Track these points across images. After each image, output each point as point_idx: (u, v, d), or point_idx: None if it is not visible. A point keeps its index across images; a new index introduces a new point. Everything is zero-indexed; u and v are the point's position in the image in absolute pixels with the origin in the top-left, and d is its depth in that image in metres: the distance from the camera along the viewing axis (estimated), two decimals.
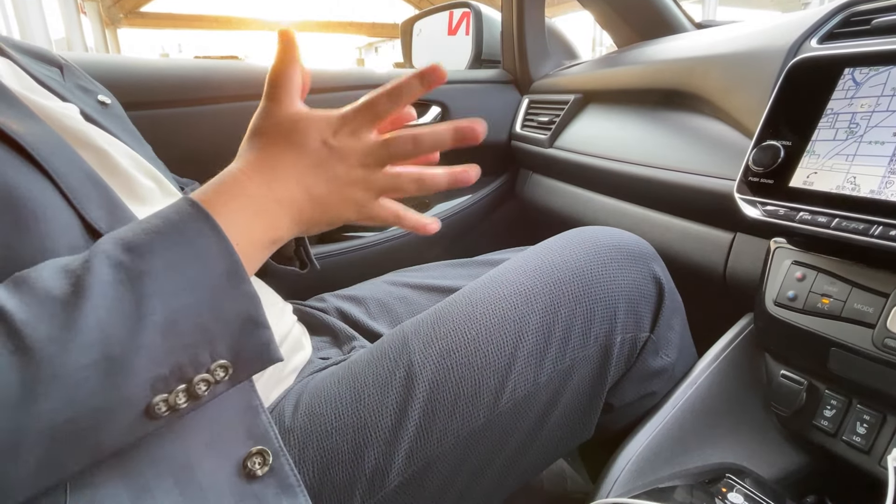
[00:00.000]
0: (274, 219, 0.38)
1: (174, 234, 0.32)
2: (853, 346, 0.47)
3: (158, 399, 0.29)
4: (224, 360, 0.32)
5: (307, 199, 0.39)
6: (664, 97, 0.85)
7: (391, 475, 0.44)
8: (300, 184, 0.39)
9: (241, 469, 0.36)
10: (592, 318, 0.50)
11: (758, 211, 0.53)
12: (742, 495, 0.47)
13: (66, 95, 0.51)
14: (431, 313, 0.52)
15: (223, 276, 0.32)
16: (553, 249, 0.55)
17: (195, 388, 0.31)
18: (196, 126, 0.95)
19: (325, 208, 0.40)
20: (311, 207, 0.40)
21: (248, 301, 0.33)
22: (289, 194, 0.39)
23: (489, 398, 0.47)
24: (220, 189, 0.37)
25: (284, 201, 0.39)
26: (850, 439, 0.49)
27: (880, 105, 0.47)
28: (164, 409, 0.30)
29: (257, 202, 0.37)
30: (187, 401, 0.31)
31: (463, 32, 1.46)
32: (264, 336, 0.34)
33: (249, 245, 0.36)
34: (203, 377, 0.31)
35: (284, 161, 0.39)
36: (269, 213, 0.38)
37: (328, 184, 0.40)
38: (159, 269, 0.30)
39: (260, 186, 0.38)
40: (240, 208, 0.36)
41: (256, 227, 0.37)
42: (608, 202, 0.94)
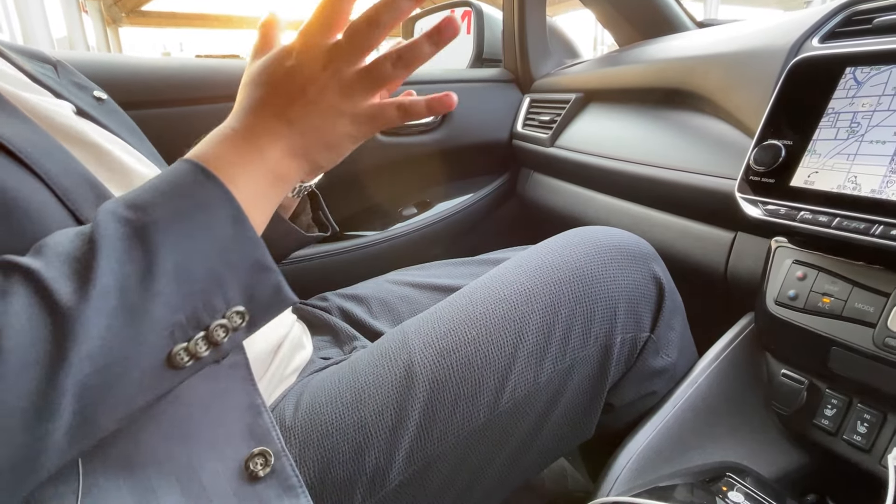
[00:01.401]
0: (274, 159, 0.38)
1: (173, 189, 0.32)
2: (854, 346, 0.47)
3: (179, 348, 0.30)
4: (239, 305, 0.32)
5: (295, 132, 0.38)
6: (665, 96, 0.85)
7: (392, 474, 0.44)
8: (290, 122, 0.38)
9: (244, 470, 0.36)
10: (592, 318, 0.51)
11: (759, 210, 0.53)
12: (743, 494, 0.47)
13: (62, 92, 0.50)
14: (432, 313, 0.52)
15: (226, 221, 0.32)
16: (553, 249, 0.55)
17: (213, 334, 0.31)
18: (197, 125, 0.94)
19: (320, 140, 0.39)
20: (301, 138, 0.39)
21: (253, 246, 0.33)
22: (280, 132, 0.38)
23: (489, 398, 0.47)
24: (211, 142, 0.37)
25: (280, 139, 0.38)
26: (850, 438, 0.49)
27: (881, 104, 0.47)
28: (186, 359, 0.30)
29: (247, 144, 0.37)
30: (208, 348, 0.31)
31: (464, 31, 1.46)
32: (274, 279, 0.34)
33: (252, 187, 0.36)
34: (220, 323, 0.31)
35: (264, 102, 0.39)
36: (268, 154, 0.37)
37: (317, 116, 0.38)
38: (164, 219, 0.31)
39: (246, 131, 0.38)
40: (231, 155, 0.36)
41: (252, 169, 0.37)
42: (609, 201, 0.94)
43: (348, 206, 1.18)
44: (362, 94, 0.39)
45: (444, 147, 1.19)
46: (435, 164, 1.21)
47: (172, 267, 0.30)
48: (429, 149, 1.18)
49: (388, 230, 1.16)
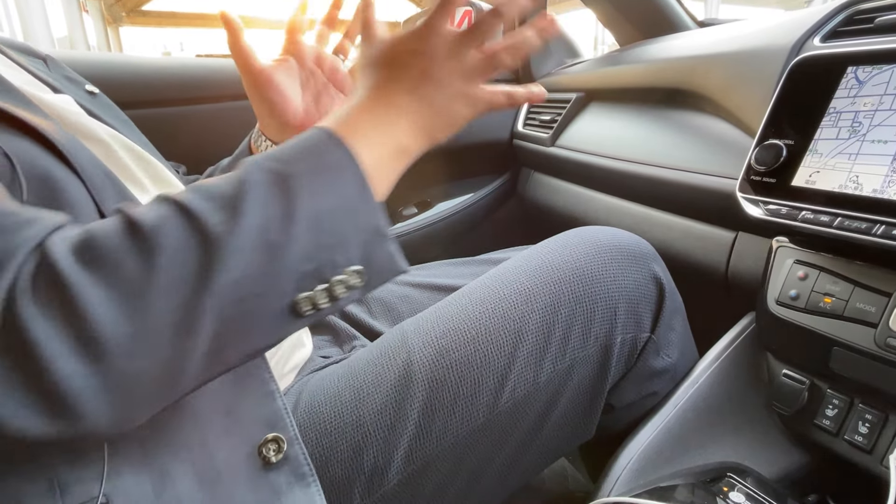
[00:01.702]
0: (397, 132, 0.40)
1: (310, 149, 0.35)
2: (855, 346, 0.47)
3: (303, 296, 0.31)
4: (358, 265, 0.33)
5: (419, 105, 0.41)
6: (666, 96, 0.85)
7: (390, 474, 0.44)
8: (411, 95, 0.41)
9: (257, 456, 0.36)
10: (593, 318, 0.50)
11: (760, 210, 0.53)
12: (744, 494, 0.47)
13: (58, 87, 0.51)
14: (431, 312, 0.52)
15: (353, 185, 0.34)
16: (553, 249, 0.55)
17: (334, 288, 0.32)
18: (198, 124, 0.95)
19: (439, 109, 0.42)
20: (426, 114, 0.42)
21: (375, 212, 0.35)
22: (402, 106, 0.41)
23: (489, 398, 0.47)
24: (342, 112, 0.40)
25: (402, 114, 0.41)
26: (851, 439, 0.49)
27: (883, 104, 0.47)
28: (308, 308, 0.32)
29: (377, 116, 0.40)
30: (328, 301, 0.32)
31: None
32: (390, 246, 0.36)
33: (377, 157, 0.38)
34: (340, 279, 0.33)
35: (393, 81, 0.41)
36: (390, 127, 0.40)
37: (434, 86, 0.42)
38: (304, 173, 0.33)
39: (376, 104, 0.40)
40: (362, 125, 0.38)
41: (381, 142, 0.39)
42: (610, 201, 0.94)
43: None
44: (481, 78, 0.43)
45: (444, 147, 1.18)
46: (435, 163, 1.21)
47: (307, 216, 0.32)
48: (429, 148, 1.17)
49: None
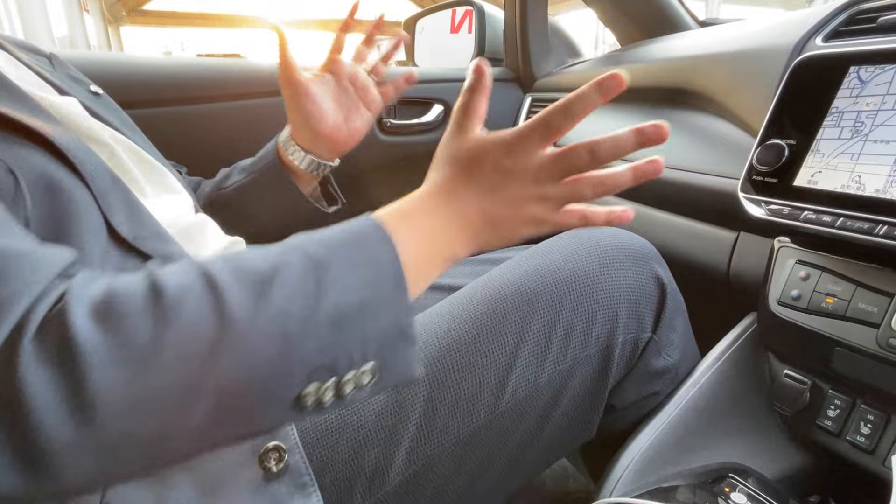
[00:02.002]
0: (449, 238, 0.39)
1: (354, 239, 0.34)
2: (857, 346, 0.47)
3: (310, 389, 0.30)
4: (373, 363, 0.32)
5: (483, 220, 0.40)
6: (667, 95, 0.85)
7: (391, 474, 0.44)
8: (478, 208, 0.40)
9: (257, 465, 0.36)
10: (594, 318, 0.50)
11: (762, 210, 0.53)
12: (745, 495, 0.47)
13: (63, 87, 0.51)
14: (432, 312, 0.52)
15: (390, 283, 0.33)
16: (555, 249, 0.55)
17: (343, 386, 0.31)
18: (199, 124, 0.95)
19: (501, 227, 0.41)
20: (487, 228, 0.41)
21: (405, 313, 0.34)
22: (466, 216, 0.40)
23: (490, 398, 0.46)
24: (402, 207, 0.40)
25: (461, 222, 0.40)
26: (853, 439, 0.49)
27: (886, 104, 0.47)
28: (311, 402, 0.31)
29: (434, 222, 0.39)
30: (333, 398, 0.31)
31: (465, 30, 1.46)
32: (410, 352, 0.34)
33: (421, 260, 0.38)
34: (352, 377, 0.32)
35: (463, 186, 0.41)
36: (445, 232, 0.39)
37: (504, 205, 0.40)
38: (340, 264, 0.32)
39: (438, 209, 0.40)
40: (415, 226, 0.38)
41: (430, 244, 0.38)
42: (611, 201, 0.94)
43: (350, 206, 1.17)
44: (556, 206, 0.41)
45: None
46: None
47: (333, 310, 0.31)
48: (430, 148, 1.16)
49: None
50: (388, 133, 1.12)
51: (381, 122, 1.11)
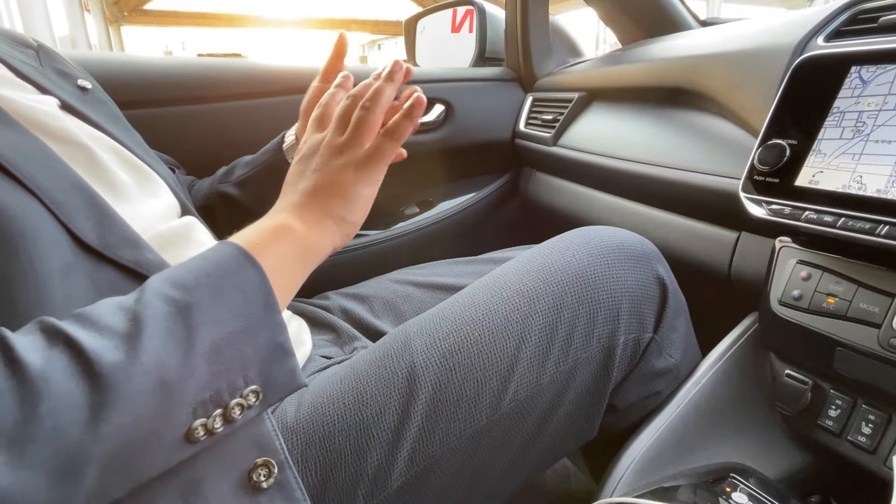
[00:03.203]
0: (292, 229, 0.41)
1: (216, 271, 0.34)
2: (859, 346, 0.47)
3: (198, 423, 0.30)
4: (255, 385, 0.33)
5: (315, 197, 0.43)
6: (669, 95, 0.85)
7: (394, 476, 0.44)
8: (303, 192, 0.44)
9: (247, 481, 0.35)
10: (596, 318, 0.50)
11: (763, 210, 0.53)
12: (746, 495, 0.47)
13: (45, 84, 0.49)
14: (434, 313, 0.52)
15: (258, 304, 0.34)
16: (556, 249, 0.55)
17: (230, 412, 0.32)
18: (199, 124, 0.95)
19: (335, 191, 0.44)
20: (315, 201, 0.43)
21: (278, 329, 0.35)
22: (292, 205, 0.43)
23: (492, 399, 0.46)
24: (252, 228, 0.41)
25: (291, 211, 0.43)
26: (855, 439, 0.49)
27: (887, 104, 0.47)
28: (202, 434, 0.31)
29: (276, 224, 0.41)
30: (223, 424, 0.32)
31: (466, 30, 1.46)
32: (291, 363, 0.35)
33: (282, 265, 0.39)
34: (237, 402, 0.32)
35: (289, 190, 0.46)
36: (286, 228, 0.41)
37: (317, 173, 0.44)
38: (205, 301, 0.32)
39: (280, 212, 0.43)
40: (266, 237, 0.39)
41: (282, 246, 0.40)
42: (612, 201, 0.94)
43: None
44: (352, 149, 0.45)
45: (446, 146, 1.19)
46: (437, 163, 1.21)
47: (208, 347, 0.31)
48: (431, 148, 1.17)
49: (390, 229, 1.16)
50: None
51: None
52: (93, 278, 0.37)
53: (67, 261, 0.35)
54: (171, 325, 0.30)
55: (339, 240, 0.44)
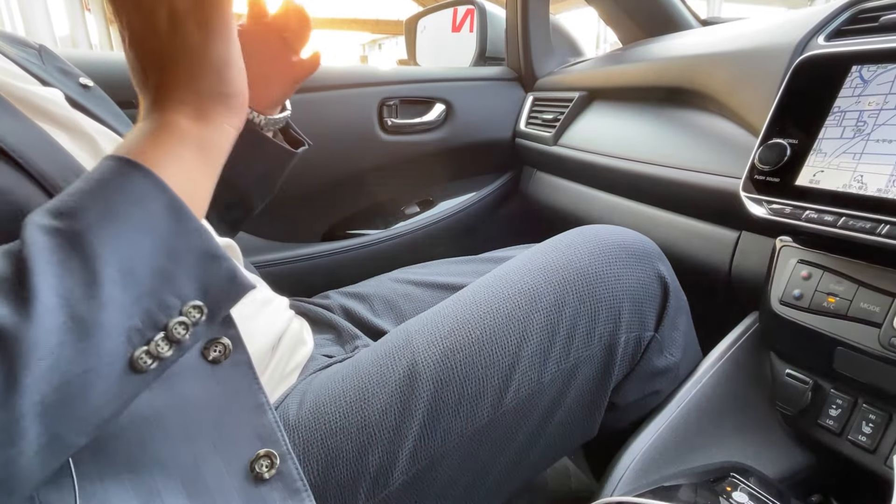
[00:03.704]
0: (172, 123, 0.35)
1: (100, 187, 0.30)
2: (859, 346, 0.47)
3: (140, 352, 0.29)
4: (195, 300, 0.31)
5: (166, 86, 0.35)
6: (669, 94, 0.85)
7: (395, 473, 0.44)
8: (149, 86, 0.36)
9: (249, 472, 0.36)
10: (597, 317, 0.50)
11: (763, 209, 0.53)
12: (747, 494, 0.47)
13: (48, 79, 0.50)
14: (435, 312, 0.52)
15: (163, 213, 0.31)
16: (557, 248, 0.55)
17: (173, 332, 0.30)
18: None
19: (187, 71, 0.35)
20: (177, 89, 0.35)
21: (197, 235, 0.31)
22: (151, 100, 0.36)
23: (493, 397, 0.47)
24: (129, 137, 0.35)
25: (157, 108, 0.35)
26: (855, 438, 0.49)
27: (888, 103, 0.47)
28: (149, 361, 0.29)
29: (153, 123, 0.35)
30: (170, 347, 0.30)
31: (467, 29, 1.46)
32: (227, 266, 0.32)
33: (179, 167, 0.34)
34: (179, 320, 0.30)
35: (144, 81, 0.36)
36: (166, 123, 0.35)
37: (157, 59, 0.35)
38: (97, 223, 0.29)
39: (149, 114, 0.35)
40: (146, 141, 0.34)
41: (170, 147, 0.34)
42: (613, 200, 0.94)
43: (351, 205, 1.18)
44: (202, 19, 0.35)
45: (446, 145, 1.19)
46: (438, 162, 1.21)
47: (116, 271, 0.28)
48: (431, 147, 1.17)
49: (390, 229, 1.16)
50: (390, 132, 1.13)
51: (383, 122, 1.12)
52: None
53: None
54: (62, 256, 0.28)
55: (236, 118, 0.38)
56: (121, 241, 0.29)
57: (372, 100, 1.10)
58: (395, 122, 1.13)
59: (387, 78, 1.13)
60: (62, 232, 0.28)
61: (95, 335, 0.27)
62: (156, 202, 0.30)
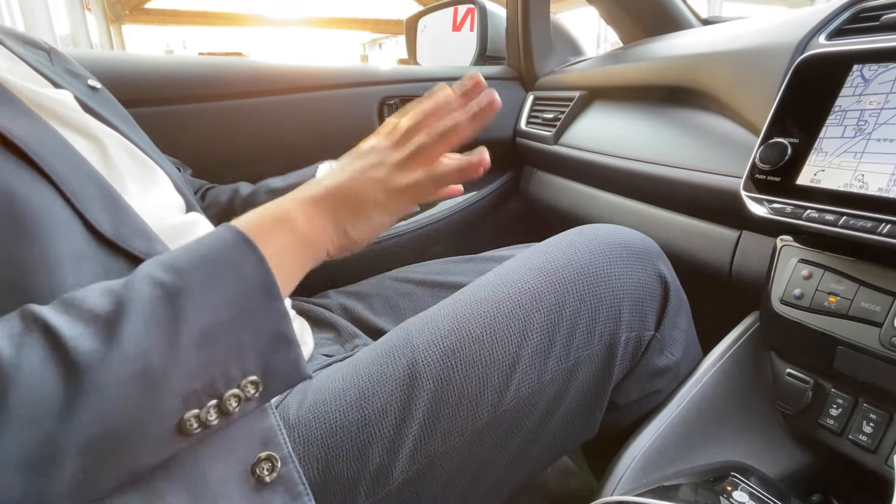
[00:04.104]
0: (309, 225, 0.40)
1: (212, 255, 0.33)
2: (860, 345, 0.47)
3: (190, 415, 0.30)
4: (254, 375, 0.32)
5: (333, 195, 0.41)
6: (670, 94, 0.85)
7: (395, 473, 0.44)
8: (327, 185, 0.42)
9: (250, 475, 0.36)
10: (597, 316, 0.50)
11: (764, 209, 0.53)
12: (747, 494, 0.47)
13: (58, 81, 0.50)
14: (435, 311, 0.52)
15: (258, 291, 0.33)
16: (558, 247, 0.55)
17: (226, 403, 0.31)
18: (201, 123, 0.95)
19: (352, 202, 0.42)
20: (339, 205, 0.41)
21: (279, 317, 0.33)
22: (315, 196, 0.41)
23: (493, 396, 0.47)
24: (256, 212, 0.39)
25: (315, 206, 0.41)
26: (856, 438, 0.49)
27: (889, 102, 0.47)
28: (195, 426, 0.30)
29: (291, 212, 0.40)
30: (218, 417, 0.31)
31: (467, 29, 1.46)
32: (293, 353, 0.34)
33: (287, 258, 0.38)
34: (234, 392, 0.31)
35: (316, 178, 0.44)
36: (305, 220, 0.40)
37: (350, 174, 0.42)
38: (197, 286, 0.31)
39: (294, 199, 0.41)
40: (278, 224, 0.38)
41: (293, 240, 0.39)
42: (613, 199, 0.94)
43: None
44: (399, 171, 0.43)
45: None
46: None
47: (198, 334, 0.30)
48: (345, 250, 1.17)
49: (391, 228, 1.16)
50: None
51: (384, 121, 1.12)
52: (105, 267, 0.37)
53: (80, 249, 0.35)
54: (155, 309, 0.29)
55: (334, 249, 0.43)
56: (212, 308, 0.31)
57: (373, 99, 1.10)
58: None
59: (387, 77, 1.13)
60: (165, 287, 0.30)
61: (159, 391, 0.28)
62: (256, 279, 0.33)
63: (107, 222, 0.38)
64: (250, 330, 0.32)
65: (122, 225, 0.39)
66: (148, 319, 0.29)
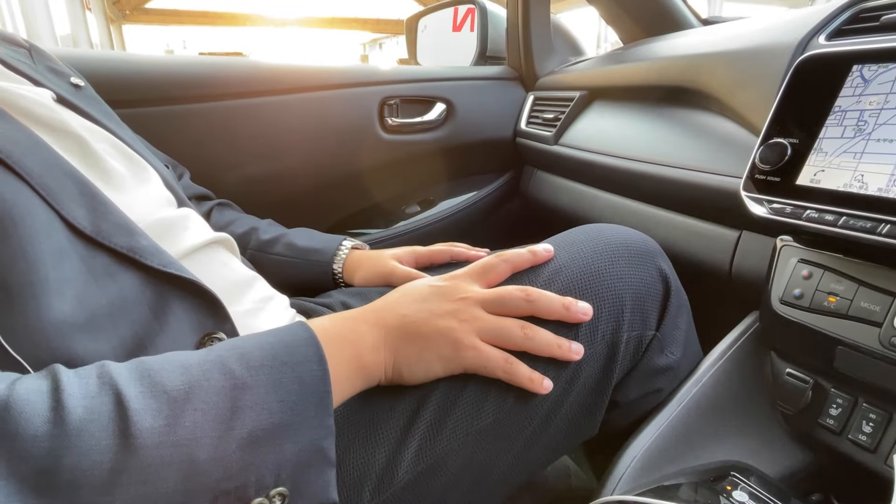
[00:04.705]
0: (373, 348, 0.42)
1: (284, 355, 0.33)
2: (860, 345, 0.47)
3: None
4: (284, 487, 0.31)
5: (400, 327, 0.43)
6: (670, 94, 0.85)
7: (400, 473, 0.44)
8: (399, 313, 0.43)
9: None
10: (599, 315, 0.50)
11: (764, 209, 0.53)
12: (747, 493, 0.47)
13: (39, 79, 0.50)
14: None
15: (314, 403, 0.33)
16: (559, 247, 0.55)
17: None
18: (201, 123, 0.95)
19: (416, 339, 0.43)
20: (403, 338, 0.43)
21: (325, 433, 0.33)
22: (384, 319, 0.43)
23: (498, 395, 0.47)
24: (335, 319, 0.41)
25: (380, 329, 0.43)
26: (855, 438, 0.49)
27: (889, 102, 0.47)
28: None
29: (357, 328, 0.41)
30: None
31: (468, 29, 1.46)
32: (327, 475, 0.33)
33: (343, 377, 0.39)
34: (259, 501, 0.30)
35: (395, 297, 0.46)
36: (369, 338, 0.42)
37: (425, 313, 0.44)
38: (262, 385, 0.31)
39: (365, 316, 0.43)
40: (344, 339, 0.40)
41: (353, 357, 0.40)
42: (613, 199, 0.94)
43: (352, 204, 1.18)
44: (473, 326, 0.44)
45: (447, 145, 1.19)
46: (438, 161, 1.21)
47: (247, 434, 0.30)
48: (432, 147, 1.17)
49: (391, 228, 1.16)
50: (391, 132, 1.13)
51: (384, 121, 1.12)
52: (87, 263, 0.37)
53: (61, 245, 0.35)
54: (220, 401, 0.29)
55: (385, 382, 0.44)
56: (267, 410, 0.31)
57: (373, 99, 1.10)
58: (395, 121, 1.13)
59: (388, 77, 1.13)
60: (236, 378, 0.31)
61: (194, 483, 0.28)
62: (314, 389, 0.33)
63: (85, 219, 0.38)
64: (294, 440, 0.32)
65: (101, 221, 0.38)
66: (209, 410, 0.29)
